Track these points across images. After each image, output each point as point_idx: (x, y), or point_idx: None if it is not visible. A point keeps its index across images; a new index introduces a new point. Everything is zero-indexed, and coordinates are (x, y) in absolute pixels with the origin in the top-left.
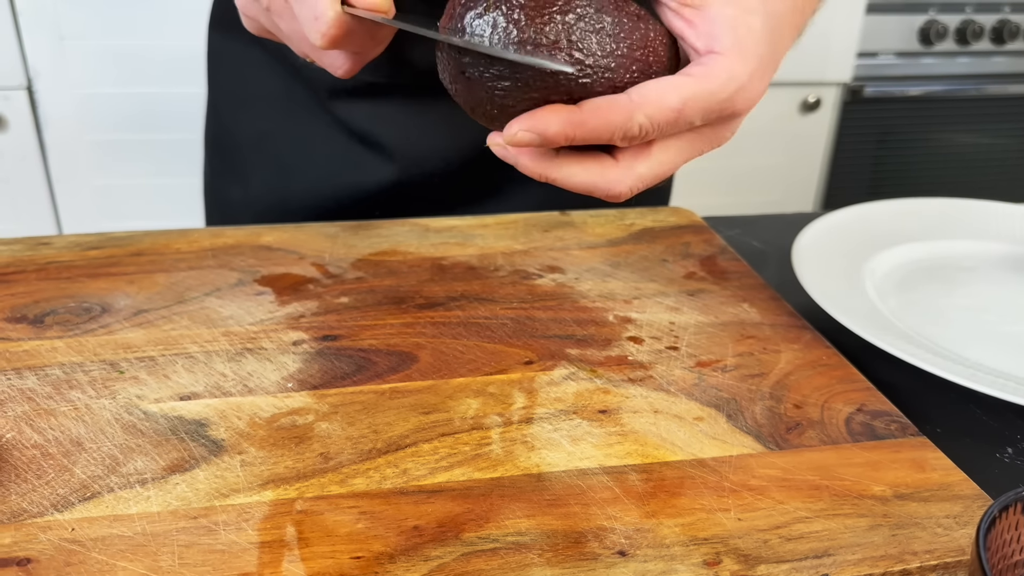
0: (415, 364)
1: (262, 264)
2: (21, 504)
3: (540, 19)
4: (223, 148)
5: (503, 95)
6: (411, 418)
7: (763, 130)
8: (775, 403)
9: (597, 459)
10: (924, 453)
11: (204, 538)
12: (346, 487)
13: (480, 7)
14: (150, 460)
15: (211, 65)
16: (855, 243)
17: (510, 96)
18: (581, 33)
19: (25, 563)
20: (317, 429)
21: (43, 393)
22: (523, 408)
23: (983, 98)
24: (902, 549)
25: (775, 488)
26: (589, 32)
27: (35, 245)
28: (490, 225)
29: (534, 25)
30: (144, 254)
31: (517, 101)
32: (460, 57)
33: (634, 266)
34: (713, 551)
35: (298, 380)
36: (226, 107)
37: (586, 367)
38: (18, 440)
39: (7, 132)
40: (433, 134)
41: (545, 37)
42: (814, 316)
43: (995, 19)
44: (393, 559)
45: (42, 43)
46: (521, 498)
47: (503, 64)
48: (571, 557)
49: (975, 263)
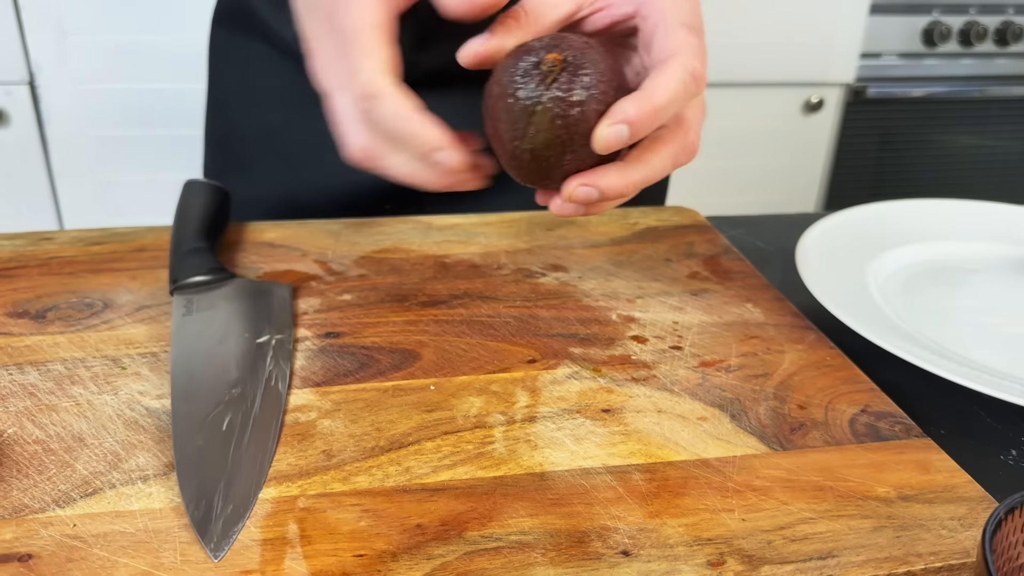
0: (418, 362)
1: (264, 261)
2: (22, 499)
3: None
4: (228, 144)
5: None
6: (414, 416)
7: (765, 130)
8: (779, 404)
9: (600, 458)
10: (928, 455)
11: None
12: (349, 485)
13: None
14: (152, 456)
15: (214, 61)
16: (858, 244)
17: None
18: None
19: (26, 559)
20: (320, 426)
21: (45, 388)
22: (526, 407)
23: (986, 100)
24: (906, 551)
25: (779, 489)
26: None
27: (37, 240)
28: (493, 223)
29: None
30: (146, 250)
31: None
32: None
33: (637, 265)
34: (717, 552)
35: (300, 377)
36: (232, 103)
37: (589, 366)
38: (19, 435)
39: (9, 127)
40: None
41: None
42: (817, 317)
43: (999, 21)
44: (396, 557)
45: (44, 38)
46: (524, 497)
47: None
48: (574, 557)
49: (979, 265)
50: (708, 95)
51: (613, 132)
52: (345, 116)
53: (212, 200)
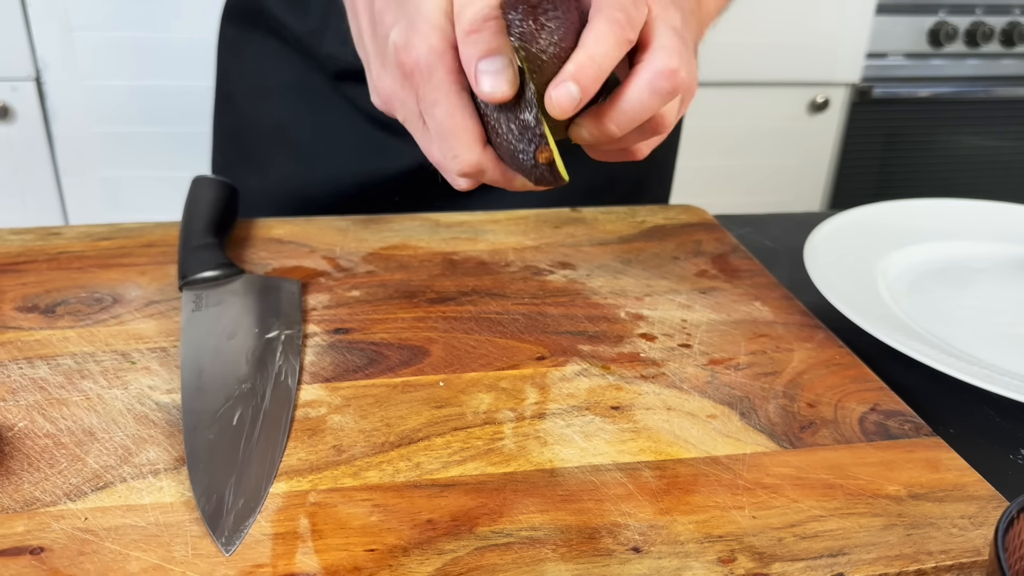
0: (427, 358)
1: (273, 257)
2: (34, 493)
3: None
4: (239, 139)
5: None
6: (423, 412)
7: (771, 130)
8: (788, 402)
9: (610, 455)
10: (938, 453)
11: None
12: (359, 480)
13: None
14: (162, 451)
15: (224, 56)
16: (866, 243)
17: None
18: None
19: (39, 551)
20: (330, 421)
21: (55, 382)
22: (535, 403)
23: (992, 100)
24: (917, 549)
25: (789, 486)
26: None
27: (46, 235)
28: (501, 220)
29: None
30: (155, 245)
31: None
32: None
33: (645, 263)
34: (728, 548)
35: (310, 372)
36: (242, 98)
37: (598, 363)
38: (30, 429)
39: (15, 123)
40: None
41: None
42: (825, 315)
43: (1005, 21)
44: (407, 552)
45: (51, 34)
46: (534, 493)
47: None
48: (585, 552)
49: (987, 264)
50: (714, 94)
51: (564, 92)
52: (381, 56)
53: (221, 196)
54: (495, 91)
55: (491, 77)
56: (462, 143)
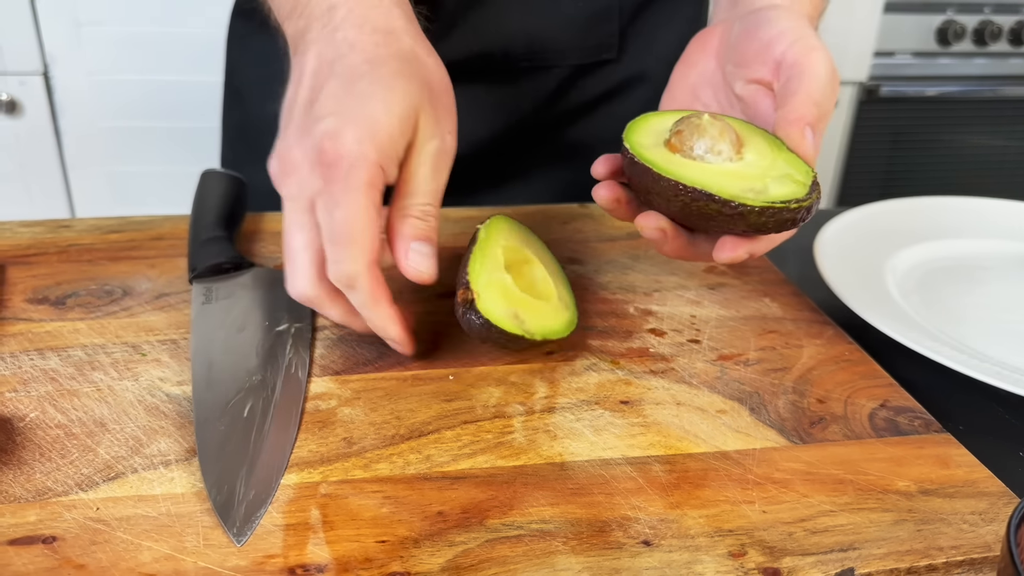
0: (436, 352)
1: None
2: (46, 483)
3: None
4: (248, 134)
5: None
6: (433, 405)
7: None
8: (798, 397)
9: (620, 449)
10: (948, 450)
11: None
12: (370, 472)
13: None
14: (173, 442)
15: (233, 52)
16: (876, 240)
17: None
18: None
19: (51, 540)
20: (340, 414)
21: (66, 374)
22: (545, 397)
23: (999, 100)
24: (928, 544)
25: (799, 481)
26: None
27: (56, 228)
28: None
29: None
30: (164, 238)
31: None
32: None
33: (654, 259)
34: (738, 543)
35: (320, 365)
36: (252, 93)
37: (607, 358)
38: (42, 420)
39: (22, 117)
40: (463, 118)
41: None
42: (834, 312)
43: (1013, 20)
44: (418, 544)
45: (59, 29)
46: (544, 486)
47: None
48: (596, 546)
49: (996, 262)
50: None
51: (805, 137)
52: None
53: (230, 190)
54: (421, 271)
55: (421, 258)
56: (352, 251)
